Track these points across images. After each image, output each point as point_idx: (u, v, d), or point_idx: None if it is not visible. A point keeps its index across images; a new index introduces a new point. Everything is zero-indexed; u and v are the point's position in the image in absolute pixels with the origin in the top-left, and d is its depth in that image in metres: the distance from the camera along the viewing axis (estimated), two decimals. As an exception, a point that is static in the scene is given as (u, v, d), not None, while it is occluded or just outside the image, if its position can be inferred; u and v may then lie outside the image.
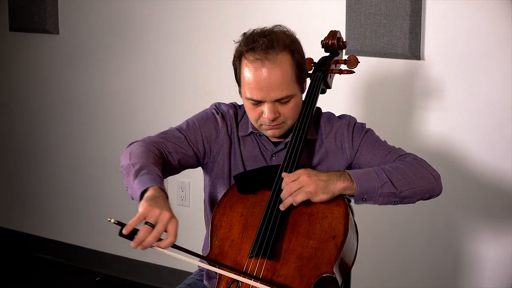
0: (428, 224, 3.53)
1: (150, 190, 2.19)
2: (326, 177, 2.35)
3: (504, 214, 3.38)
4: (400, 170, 2.44)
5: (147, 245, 2.12)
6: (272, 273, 2.29)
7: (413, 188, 2.43)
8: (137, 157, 2.37)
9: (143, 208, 2.12)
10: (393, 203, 2.43)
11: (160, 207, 2.12)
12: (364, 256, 2.75)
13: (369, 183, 2.38)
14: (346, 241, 2.34)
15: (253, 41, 2.43)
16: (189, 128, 2.60)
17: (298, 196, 2.32)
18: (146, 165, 2.31)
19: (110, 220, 2.13)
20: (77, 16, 4.53)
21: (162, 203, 2.15)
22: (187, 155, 2.57)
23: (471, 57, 3.35)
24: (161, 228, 2.10)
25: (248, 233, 2.39)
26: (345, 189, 2.36)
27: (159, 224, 2.10)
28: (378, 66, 3.55)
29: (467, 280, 3.52)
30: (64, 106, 4.68)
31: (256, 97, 2.43)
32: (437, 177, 2.52)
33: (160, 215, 2.11)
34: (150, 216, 2.10)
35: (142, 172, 2.27)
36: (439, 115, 3.46)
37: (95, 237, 4.69)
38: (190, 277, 2.74)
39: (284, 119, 2.49)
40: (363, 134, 2.60)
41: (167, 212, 2.12)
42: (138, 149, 2.42)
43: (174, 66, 4.23)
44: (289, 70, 2.43)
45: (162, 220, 2.11)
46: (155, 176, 2.26)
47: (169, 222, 2.11)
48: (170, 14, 4.18)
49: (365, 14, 3.50)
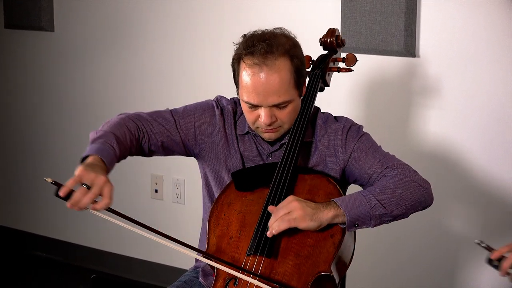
0: (423, 224, 3.52)
1: (90, 158, 2.27)
2: (314, 205, 2.32)
3: (501, 213, 3.39)
4: (388, 189, 2.40)
5: (82, 206, 2.16)
6: (270, 271, 2.30)
7: (403, 205, 2.40)
8: (108, 126, 2.46)
9: (78, 171, 2.17)
10: (386, 222, 2.40)
11: (95, 172, 2.18)
12: (359, 257, 2.75)
13: (358, 209, 2.34)
14: (344, 239, 2.35)
15: (252, 44, 2.40)
16: (184, 113, 2.61)
17: (282, 223, 2.29)
18: (106, 136, 2.39)
19: (46, 180, 2.17)
20: (72, 14, 4.52)
21: (98, 170, 2.21)
22: (172, 140, 2.58)
23: (466, 55, 3.35)
24: (97, 190, 2.16)
25: (246, 230, 2.39)
26: (334, 218, 2.32)
27: (94, 187, 2.16)
28: (373, 64, 3.56)
29: (463, 281, 3.53)
30: (60, 103, 4.67)
31: (253, 102, 2.42)
32: (427, 187, 2.48)
33: (96, 179, 2.17)
34: (86, 179, 2.16)
35: (98, 141, 2.35)
36: (435, 112, 3.46)
37: (91, 235, 4.69)
38: (186, 274, 2.74)
39: (281, 123, 2.48)
40: (358, 138, 2.56)
41: (103, 176, 2.18)
42: (115, 120, 2.52)
43: (170, 64, 4.23)
44: (287, 76, 2.40)
45: (97, 183, 2.17)
46: (105, 147, 2.33)
47: (104, 185, 2.18)
48: (166, 12, 4.18)
49: (361, 12, 3.50)
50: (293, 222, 2.29)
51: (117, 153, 2.38)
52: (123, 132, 2.47)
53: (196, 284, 2.64)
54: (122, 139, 2.44)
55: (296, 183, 2.47)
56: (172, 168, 4.30)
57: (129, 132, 2.49)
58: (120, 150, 2.40)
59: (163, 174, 4.35)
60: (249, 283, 2.28)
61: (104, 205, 2.18)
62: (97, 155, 2.28)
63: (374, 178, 2.50)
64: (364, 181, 2.55)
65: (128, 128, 2.50)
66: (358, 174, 2.55)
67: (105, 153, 2.31)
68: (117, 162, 2.40)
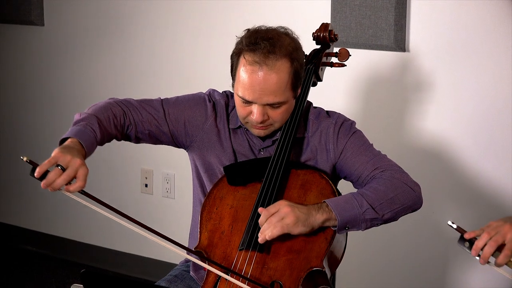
0: (414, 222, 3.50)
1: (68, 140, 2.30)
2: (306, 209, 2.31)
3: (494, 210, 3.40)
4: (380, 193, 2.40)
5: (56, 187, 2.18)
6: (262, 266, 2.30)
7: (394, 209, 2.41)
8: (93, 109, 2.47)
9: (54, 153, 2.21)
10: (376, 225, 2.41)
11: (72, 154, 2.20)
12: (350, 255, 2.76)
13: (350, 212, 2.34)
14: (336, 235, 2.35)
15: (255, 42, 2.39)
16: (175, 105, 2.60)
17: (274, 230, 2.27)
18: (88, 119, 2.40)
19: (22, 158, 2.21)
20: (62, 8, 4.50)
21: (74, 153, 2.23)
22: (160, 130, 2.58)
23: (456, 49, 3.36)
24: (71, 172, 2.18)
25: (238, 225, 2.39)
26: (325, 222, 2.32)
27: (69, 169, 2.18)
28: (363, 58, 3.56)
29: (455, 279, 3.53)
30: (49, 98, 4.66)
31: (247, 98, 2.41)
32: (417, 190, 2.48)
33: (71, 161, 2.19)
34: (62, 161, 2.18)
35: (80, 124, 2.37)
36: (425, 106, 3.47)
37: (81, 229, 4.68)
38: (176, 268, 2.74)
39: (272, 122, 2.47)
40: (350, 136, 2.56)
41: (78, 159, 2.20)
42: (101, 103, 2.53)
43: (160, 57, 4.22)
44: (285, 78, 2.40)
45: (72, 165, 2.18)
46: (86, 130, 2.35)
47: (79, 167, 2.19)
48: (156, 6, 4.17)
49: (350, 6, 3.51)
50: (286, 228, 2.28)
51: (98, 137, 2.39)
52: (107, 116, 2.47)
53: (187, 278, 2.65)
54: (105, 123, 2.45)
55: (289, 178, 2.47)
56: (162, 163, 4.30)
57: (114, 117, 2.50)
58: (101, 134, 2.41)
59: (153, 168, 4.34)
60: (241, 279, 2.27)
61: (77, 187, 2.18)
62: (75, 138, 2.30)
63: (364, 178, 2.50)
64: (353, 179, 2.56)
65: (113, 112, 2.50)
66: (348, 172, 2.55)
67: (85, 137, 2.33)
68: (99, 145, 2.41)
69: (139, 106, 2.56)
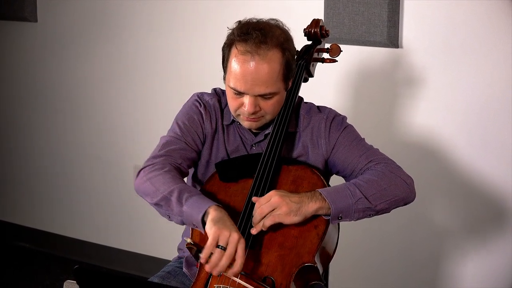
0: (407, 217, 3.53)
1: (211, 212, 2.25)
2: (298, 198, 2.32)
3: (485, 206, 3.40)
4: (374, 183, 2.40)
5: (221, 270, 2.18)
6: (254, 262, 2.30)
7: (387, 200, 2.41)
8: (166, 184, 2.39)
9: (213, 232, 2.18)
10: (369, 216, 2.41)
11: (228, 229, 2.19)
12: (343, 252, 2.76)
13: (343, 201, 2.34)
14: (328, 230, 2.35)
15: (247, 32, 2.40)
16: (183, 132, 2.58)
17: (266, 220, 2.30)
18: (183, 188, 2.36)
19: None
20: (55, 4, 4.49)
21: (228, 223, 2.22)
22: (192, 158, 2.58)
23: (449, 45, 3.36)
24: (232, 250, 2.17)
25: None
26: (318, 210, 2.33)
27: (230, 246, 2.18)
28: (356, 54, 3.56)
29: (447, 275, 3.54)
30: (43, 94, 4.65)
31: (239, 88, 2.41)
32: (410, 183, 2.49)
33: (230, 237, 2.18)
34: (222, 239, 2.18)
35: (185, 197, 2.32)
36: (418, 103, 3.47)
37: (74, 226, 4.68)
38: (169, 264, 2.74)
39: (264, 114, 2.48)
40: (341, 130, 2.57)
41: (236, 233, 2.19)
42: (158, 177, 2.43)
43: (154, 54, 4.22)
44: (277, 68, 2.40)
45: (232, 241, 2.18)
46: (200, 196, 2.33)
47: (238, 243, 2.19)
48: (151, 2, 4.16)
49: (343, 2, 3.51)
50: (278, 218, 2.29)
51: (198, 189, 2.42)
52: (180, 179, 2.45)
53: (179, 274, 2.65)
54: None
55: (280, 174, 2.47)
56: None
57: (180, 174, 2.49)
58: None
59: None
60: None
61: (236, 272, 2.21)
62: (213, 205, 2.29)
63: (357, 171, 2.51)
64: (347, 173, 2.56)
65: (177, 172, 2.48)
66: (341, 166, 2.56)
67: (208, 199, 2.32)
68: None
69: (169, 155, 2.52)
